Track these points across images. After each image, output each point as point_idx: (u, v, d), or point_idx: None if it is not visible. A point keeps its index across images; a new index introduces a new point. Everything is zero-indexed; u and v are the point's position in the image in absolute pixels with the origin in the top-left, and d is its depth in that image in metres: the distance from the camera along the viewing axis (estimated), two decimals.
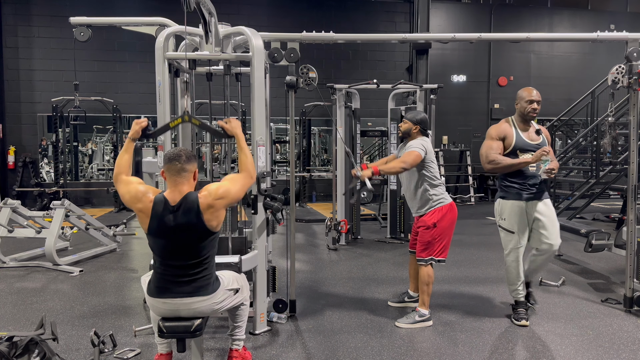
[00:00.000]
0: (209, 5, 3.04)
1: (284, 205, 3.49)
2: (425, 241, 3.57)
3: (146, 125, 2.73)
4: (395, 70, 11.54)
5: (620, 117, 7.37)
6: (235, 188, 2.52)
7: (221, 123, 2.79)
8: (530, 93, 3.52)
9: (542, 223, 3.55)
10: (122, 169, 2.60)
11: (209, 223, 2.41)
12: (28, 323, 3.67)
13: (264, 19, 10.89)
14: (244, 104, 6.10)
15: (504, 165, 3.54)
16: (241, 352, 2.88)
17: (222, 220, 2.49)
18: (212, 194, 2.43)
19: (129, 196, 2.48)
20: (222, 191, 2.46)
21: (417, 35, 7.17)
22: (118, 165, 2.62)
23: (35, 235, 5.40)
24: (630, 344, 3.27)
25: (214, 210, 2.42)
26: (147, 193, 2.46)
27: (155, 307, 2.48)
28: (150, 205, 2.41)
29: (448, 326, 3.60)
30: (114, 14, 9.81)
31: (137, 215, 2.46)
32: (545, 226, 3.55)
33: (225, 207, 2.48)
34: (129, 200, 2.48)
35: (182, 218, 2.38)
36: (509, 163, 3.51)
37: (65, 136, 10.15)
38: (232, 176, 2.62)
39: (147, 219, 2.41)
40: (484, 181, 12.12)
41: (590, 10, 13.31)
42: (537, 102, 3.52)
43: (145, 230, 2.44)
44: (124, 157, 2.64)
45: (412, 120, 3.70)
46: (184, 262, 2.42)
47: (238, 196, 2.54)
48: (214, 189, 2.45)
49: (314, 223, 8.44)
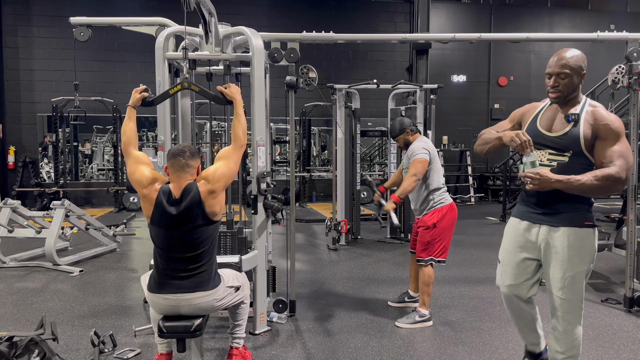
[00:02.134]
0: (209, 5, 3.04)
1: (284, 205, 3.49)
2: (425, 241, 3.57)
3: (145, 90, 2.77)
4: (395, 70, 11.54)
5: (620, 117, 7.38)
6: (229, 165, 2.55)
7: (220, 88, 2.82)
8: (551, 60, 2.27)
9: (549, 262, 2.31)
10: (130, 139, 2.66)
11: (210, 209, 2.44)
12: (28, 323, 3.67)
13: (264, 19, 10.89)
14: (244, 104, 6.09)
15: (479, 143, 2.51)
16: (241, 351, 2.88)
17: (223, 206, 2.52)
18: (209, 179, 2.46)
19: (134, 178, 2.52)
20: (219, 174, 2.49)
21: (417, 35, 7.18)
22: (124, 133, 2.68)
23: (35, 235, 5.39)
24: (630, 344, 3.27)
25: (215, 194, 2.45)
26: (154, 182, 2.49)
27: (156, 304, 2.48)
28: (155, 195, 2.43)
29: (448, 326, 3.59)
30: (114, 14, 9.80)
31: (141, 199, 2.49)
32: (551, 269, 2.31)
33: (225, 187, 2.51)
34: (135, 182, 2.52)
35: (184, 208, 2.40)
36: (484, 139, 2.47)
37: (65, 136, 10.15)
38: (224, 152, 2.63)
39: (150, 207, 2.44)
40: (484, 181, 12.12)
41: (590, 10, 13.31)
42: (558, 76, 2.22)
43: (147, 217, 2.48)
44: (129, 125, 2.69)
45: (399, 131, 3.74)
46: (184, 254, 2.43)
47: (234, 172, 2.58)
48: (210, 173, 2.48)
49: (314, 223, 8.44)
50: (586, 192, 2.16)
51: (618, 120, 2.22)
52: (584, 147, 2.21)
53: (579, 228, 2.26)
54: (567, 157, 2.24)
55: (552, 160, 2.27)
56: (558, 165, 2.25)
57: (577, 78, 2.24)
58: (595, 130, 2.20)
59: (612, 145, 2.17)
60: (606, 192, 2.17)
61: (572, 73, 2.22)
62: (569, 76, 2.22)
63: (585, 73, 2.26)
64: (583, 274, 2.28)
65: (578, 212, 2.26)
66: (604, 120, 2.20)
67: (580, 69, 2.24)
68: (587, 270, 2.30)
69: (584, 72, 2.25)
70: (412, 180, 3.50)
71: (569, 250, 2.25)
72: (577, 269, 2.26)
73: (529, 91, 12.42)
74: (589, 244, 2.27)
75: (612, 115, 2.24)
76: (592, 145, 2.21)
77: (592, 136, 2.21)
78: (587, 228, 2.26)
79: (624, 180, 2.13)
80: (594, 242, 2.29)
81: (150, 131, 11.29)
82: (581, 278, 2.28)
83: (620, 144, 2.17)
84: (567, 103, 2.29)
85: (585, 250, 2.26)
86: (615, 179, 2.12)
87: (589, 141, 2.21)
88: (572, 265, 2.26)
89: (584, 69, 2.26)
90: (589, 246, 2.27)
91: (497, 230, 7.82)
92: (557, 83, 2.24)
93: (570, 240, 2.25)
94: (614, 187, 2.14)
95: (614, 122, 2.20)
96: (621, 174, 2.12)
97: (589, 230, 2.27)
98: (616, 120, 2.22)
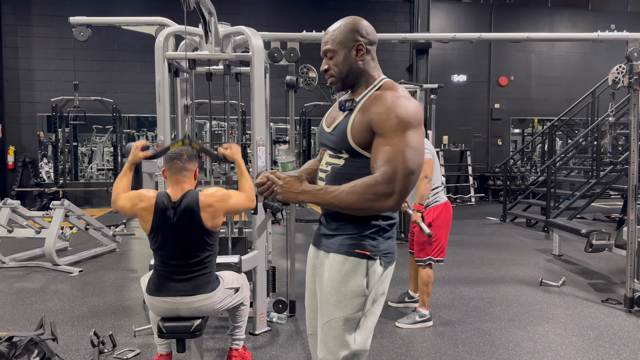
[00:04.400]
0: (208, 5, 3.04)
1: (284, 205, 3.48)
2: (422, 241, 3.57)
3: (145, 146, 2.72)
4: (395, 70, 11.53)
5: (620, 117, 7.37)
6: (235, 199, 2.54)
7: (222, 150, 2.78)
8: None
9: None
10: (119, 195, 2.54)
11: (205, 221, 2.42)
12: (28, 323, 3.66)
13: (264, 19, 10.89)
14: (244, 104, 6.10)
15: None
16: (241, 352, 2.88)
17: (219, 223, 2.49)
18: (214, 194, 2.47)
19: (130, 203, 2.48)
20: (222, 194, 2.49)
21: (417, 35, 7.17)
22: (116, 189, 2.57)
23: (34, 235, 5.39)
24: (631, 344, 3.27)
25: (213, 210, 2.43)
26: (148, 192, 2.49)
27: (155, 307, 2.47)
28: (153, 201, 2.43)
29: (448, 326, 3.59)
30: (114, 13, 9.81)
31: (140, 215, 2.45)
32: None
33: (223, 212, 2.49)
34: (131, 204, 2.47)
35: (182, 214, 2.40)
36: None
37: (64, 136, 10.15)
38: (235, 192, 2.64)
39: (150, 216, 2.42)
40: (485, 181, 12.12)
41: (590, 10, 13.30)
42: (325, 55, 1.76)
43: (147, 230, 2.45)
44: (122, 181, 2.60)
45: None
46: (184, 260, 2.43)
47: (236, 206, 2.55)
48: (216, 191, 2.49)
49: (314, 223, 8.43)
50: (344, 208, 1.57)
51: (404, 107, 1.55)
52: (355, 143, 1.61)
53: (344, 256, 1.62)
54: (343, 160, 1.66)
55: (329, 164, 1.71)
56: (332, 170, 1.69)
57: (349, 53, 1.66)
58: (369, 120, 1.58)
59: (383, 144, 1.54)
60: (371, 209, 1.55)
61: (338, 48, 1.67)
62: (336, 53, 1.69)
63: (363, 43, 1.66)
64: (341, 323, 1.61)
65: (353, 235, 1.63)
66: (380, 107, 1.57)
67: (349, 41, 1.66)
68: (349, 318, 1.61)
69: (358, 42, 1.66)
70: (425, 182, 3.49)
71: (328, 287, 1.65)
72: (333, 314, 1.62)
73: (529, 91, 12.42)
74: (354, 282, 1.60)
75: (402, 100, 1.57)
76: (371, 142, 1.59)
77: (367, 129, 1.59)
78: (356, 257, 1.61)
79: (387, 193, 1.51)
80: (363, 279, 1.60)
81: (150, 131, 11.28)
82: (339, 328, 1.61)
83: (396, 141, 1.53)
84: (355, 90, 1.72)
85: (347, 289, 1.61)
86: (374, 192, 1.51)
87: (362, 135, 1.59)
88: (328, 306, 1.64)
89: (360, 38, 1.66)
90: (353, 284, 1.60)
91: (498, 230, 7.81)
92: (326, 65, 1.73)
93: (332, 272, 1.64)
94: (377, 203, 1.52)
95: (394, 110, 1.54)
96: (381, 185, 1.50)
97: (360, 262, 1.61)
98: (402, 107, 1.55)
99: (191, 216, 2.40)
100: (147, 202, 2.44)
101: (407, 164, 1.51)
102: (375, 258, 1.62)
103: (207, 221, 2.42)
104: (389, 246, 1.66)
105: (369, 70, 1.69)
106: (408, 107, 1.56)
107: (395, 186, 1.51)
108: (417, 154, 1.54)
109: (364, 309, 1.62)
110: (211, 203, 2.43)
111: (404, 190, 1.52)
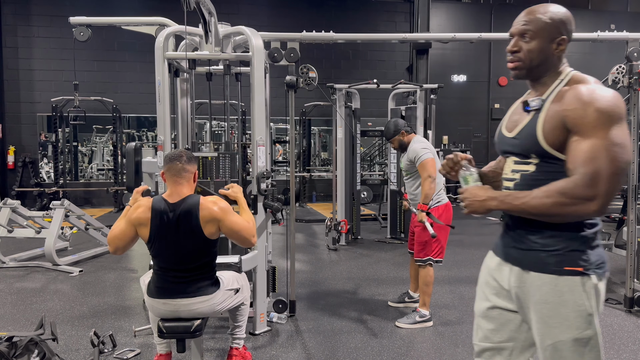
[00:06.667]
0: (208, 5, 3.04)
1: (284, 205, 3.48)
2: (422, 241, 3.57)
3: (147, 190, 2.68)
4: (395, 70, 11.53)
5: None
6: (237, 219, 2.46)
7: (223, 191, 2.76)
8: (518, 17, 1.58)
9: (528, 321, 1.58)
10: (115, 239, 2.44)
11: (205, 229, 2.39)
12: (28, 323, 3.66)
13: (264, 19, 10.89)
14: (244, 104, 6.10)
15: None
16: (241, 351, 2.88)
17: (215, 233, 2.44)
18: (216, 202, 2.42)
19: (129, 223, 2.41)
20: (226, 205, 2.44)
21: (417, 35, 7.18)
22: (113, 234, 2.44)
23: (35, 235, 5.39)
24: (631, 344, 3.27)
25: (211, 218, 2.39)
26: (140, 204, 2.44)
27: (155, 308, 2.47)
28: (150, 204, 2.41)
29: (448, 326, 3.59)
30: (114, 13, 9.80)
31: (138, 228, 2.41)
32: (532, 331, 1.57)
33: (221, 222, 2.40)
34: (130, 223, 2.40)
35: (181, 218, 2.38)
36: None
37: (65, 136, 10.15)
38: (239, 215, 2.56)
39: (148, 223, 2.39)
40: None
41: (590, 10, 13.31)
42: (521, 36, 1.54)
43: (145, 237, 2.41)
44: (121, 225, 2.46)
45: (394, 132, 3.74)
46: (184, 266, 2.42)
47: (234, 226, 2.43)
48: (220, 200, 2.45)
49: (314, 223, 8.43)
50: (537, 214, 1.44)
51: (603, 99, 1.39)
52: (548, 144, 1.45)
53: (555, 276, 1.46)
54: (533, 165, 1.51)
55: (516, 172, 1.57)
56: (522, 177, 1.54)
57: (549, 44, 1.51)
58: (563, 118, 1.42)
59: (582, 143, 1.39)
60: (569, 215, 1.40)
61: (540, 34, 1.50)
62: (534, 38, 1.50)
63: (564, 39, 1.51)
64: (569, 345, 1.46)
65: (554, 250, 1.47)
66: (574, 102, 1.41)
67: (555, 32, 1.50)
68: (578, 338, 1.45)
69: (563, 36, 1.51)
70: (429, 182, 3.48)
71: (542, 308, 1.49)
72: (557, 337, 1.47)
73: None
74: (573, 301, 1.45)
75: (599, 92, 1.41)
76: (565, 143, 1.44)
77: (560, 127, 1.43)
78: (568, 276, 1.45)
79: (589, 197, 1.35)
80: (582, 297, 1.45)
81: (150, 131, 11.28)
82: (568, 351, 1.46)
83: (596, 138, 1.36)
84: (538, 83, 1.58)
85: (567, 309, 1.45)
86: (572, 196, 1.36)
87: (555, 135, 1.44)
88: (549, 330, 1.48)
89: (565, 33, 1.51)
90: (573, 304, 1.45)
91: (498, 230, 7.73)
92: (516, 47, 1.55)
93: (543, 293, 1.48)
94: (576, 208, 1.37)
95: (592, 103, 1.38)
96: (580, 188, 1.36)
97: (573, 280, 1.45)
98: (600, 99, 1.39)
99: (190, 221, 2.37)
100: (144, 209, 2.41)
101: (612, 163, 1.35)
102: (589, 273, 1.45)
103: (205, 228, 2.38)
104: (599, 256, 1.48)
105: (558, 65, 1.55)
106: (607, 98, 1.39)
107: (599, 189, 1.35)
108: (623, 151, 1.36)
109: (592, 326, 1.46)
110: (211, 211, 2.38)
111: (609, 193, 1.35)
